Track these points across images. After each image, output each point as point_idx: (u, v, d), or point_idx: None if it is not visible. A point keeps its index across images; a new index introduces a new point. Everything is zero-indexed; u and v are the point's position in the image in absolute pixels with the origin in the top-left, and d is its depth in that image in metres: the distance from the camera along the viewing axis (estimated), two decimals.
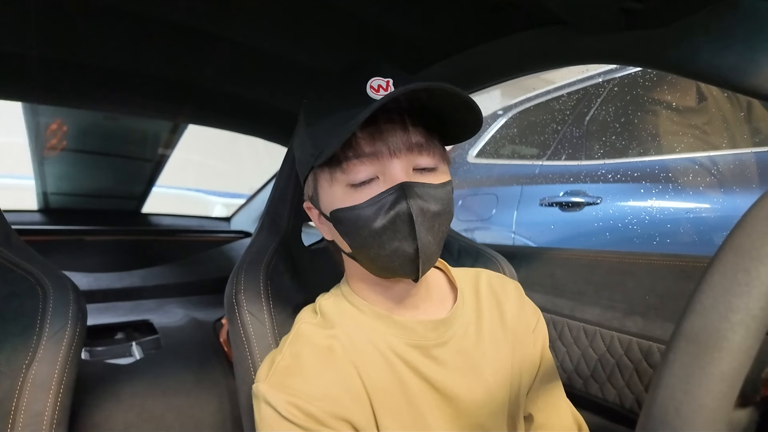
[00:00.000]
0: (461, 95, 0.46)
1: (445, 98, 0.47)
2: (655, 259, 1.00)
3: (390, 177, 0.48)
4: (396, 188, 0.47)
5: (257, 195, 2.35)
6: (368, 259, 0.51)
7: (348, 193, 0.49)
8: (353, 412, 0.49)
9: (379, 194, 0.47)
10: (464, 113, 0.49)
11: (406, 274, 0.50)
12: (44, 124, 1.68)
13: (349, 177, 0.48)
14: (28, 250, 0.79)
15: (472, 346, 0.57)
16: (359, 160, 0.48)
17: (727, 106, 1.38)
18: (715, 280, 0.29)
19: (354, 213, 0.48)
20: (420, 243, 0.47)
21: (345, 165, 0.48)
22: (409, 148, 0.48)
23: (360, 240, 0.49)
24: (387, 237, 0.47)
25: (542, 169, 1.91)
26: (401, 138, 0.48)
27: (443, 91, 0.45)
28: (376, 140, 0.48)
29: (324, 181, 0.51)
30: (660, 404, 0.28)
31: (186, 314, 1.75)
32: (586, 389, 1.06)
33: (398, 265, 0.49)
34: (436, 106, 0.48)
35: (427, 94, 0.46)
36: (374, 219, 0.47)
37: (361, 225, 0.48)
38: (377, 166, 0.48)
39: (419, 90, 0.44)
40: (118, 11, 0.82)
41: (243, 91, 1.25)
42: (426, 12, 0.78)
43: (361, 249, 0.50)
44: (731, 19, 0.52)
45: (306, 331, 0.54)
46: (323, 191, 0.52)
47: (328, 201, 0.51)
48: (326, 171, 0.50)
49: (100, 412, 1.05)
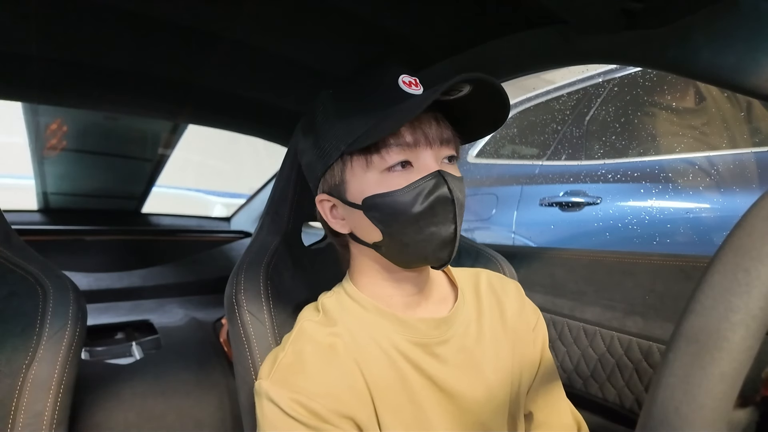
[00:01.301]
0: (500, 90, 0.50)
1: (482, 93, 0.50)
2: (655, 259, 1.00)
3: (425, 165, 0.50)
4: (435, 174, 0.49)
5: (257, 195, 2.35)
6: (400, 245, 0.51)
7: (384, 178, 0.50)
8: (356, 409, 0.49)
9: (419, 180, 0.49)
10: (492, 110, 0.52)
11: (437, 260, 0.52)
12: (44, 123, 1.68)
13: (387, 162, 0.49)
14: (28, 250, 0.79)
15: (473, 344, 0.57)
16: (399, 147, 0.49)
17: (727, 106, 1.38)
18: (715, 279, 0.29)
19: (392, 198, 0.49)
20: (457, 227, 0.50)
21: (384, 151, 0.49)
22: (441, 140, 0.51)
23: (396, 225, 0.50)
24: (425, 222, 0.49)
25: (542, 169, 1.91)
26: (436, 130, 0.51)
27: (487, 85, 0.48)
28: (416, 130, 0.50)
29: (358, 168, 0.51)
30: (660, 404, 0.28)
31: (186, 314, 1.75)
32: (586, 389, 1.06)
33: (431, 250, 0.50)
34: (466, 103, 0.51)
35: (470, 87, 0.49)
36: (413, 204, 0.49)
37: (400, 210, 0.49)
38: (413, 154, 0.50)
39: (469, 81, 0.47)
40: (118, 11, 0.82)
41: (243, 91, 1.25)
42: (426, 12, 0.78)
43: (395, 235, 0.51)
44: (731, 19, 0.52)
45: (308, 328, 0.54)
46: (355, 178, 0.51)
47: (360, 188, 0.51)
48: (361, 158, 0.50)
49: (101, 411, 1.05)
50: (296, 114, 1.26)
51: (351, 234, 0.55)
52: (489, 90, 0.50)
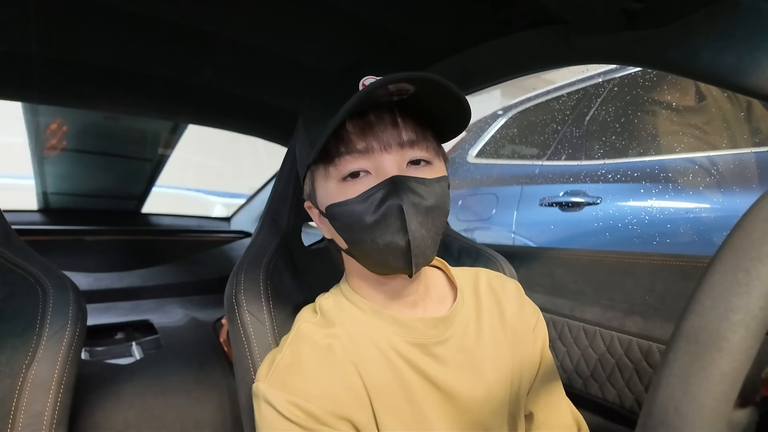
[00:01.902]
0: (447, 86, 0.46)
1: (432, 90, 0.46)
2: (655, 259, 1.00)
3: (382, 172, 0.48)
4: (386, 182, 0.47)
5: (257, 195, 2.35)
6: (362, 254, 0.51)
7: (341, 188, 0.49)
8: (353, 410, 0.49)
9: (370, 189, 0.48)
10: (452, 106, 0.49)
11: (400, 269, 0.50)
12: (44, 123, 1.68)
13: (341, 171, 0.49)
14: (28, 250, 0.79)
15: (472, 344, 0.57)
16: (351, 155, 0.48)
17: (727, 106, 1.38)
18: (715, 279, 0.29)
19: (346, 208, 0.49)
20: (412, 236, 0.47)
21: (337, 160, 0.49)
22: (400, 143, 0.49)
23: (353, 235, 0.50)
24: (379, 231, 0.48)
25: (542, 169, 1.91)
26: (392, 133, 0.48)
27: (430, 82, 0.45)
28: (368, 135, 0.48)
29: (320, 177, 0.52)
30: (660, 404, 0.28)
31: (186, 314, 1.75)
32: (586, 389, 1.06)
33: (392, 259, 0.49)
34: (425, 100, 0.48)
35: (414, 86, 0.46)
36: (366, 213, 0.48)
37: (354, 220, 0.48)
38: (369, 161, 0.48)
39: (401, 81, 0.44)
40: (118, 11, 0.82)
41: (243, 91, 1.25)
42: (426, 12, 0.78)
43: (355, 244, 0.51)
44: (731, 19, 0.52)
45: (306, 330, 0.54)
46: (319, 188, 0.53)
47: (324, 197, 0.52)
48: (321, 167, 0.51)
49: (100, 411, 1.05)
50: (296, 114, 1.27)
51: (331, 240, 0.56)
52: (441, 89, 0.46)
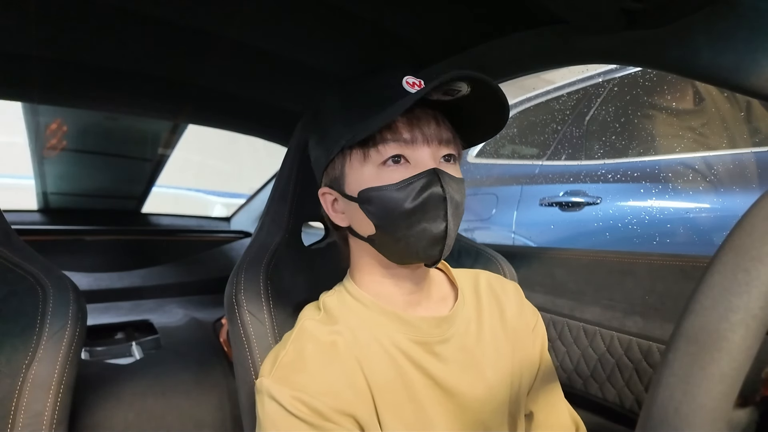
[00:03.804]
0: (498, 92, 0.50)
1: (480, 94, 0.50)
2: (655, 259, 1.00)
3: (421, 162, 0.50)
4: (429, 172, 0.50)
5: (257, 195, 2.35)
6: (392, 240, 0.52)
7: (380, 173, 0.51)
8: (357, 407, 0.49)
9: (412, 176, 0.50)
10: (492, 110, 0.52)
11: (427, 257, 0.52)
12: (44, 123, 1.68)
13: (383, 155, 0.50)
14: (27, 249, 0.79)
15: (473, 343, 0.57)
16: (396, 143, 0.50)
17: (727, 106, 1.38)
18: (714, 279, 0.29)
19: (385, 192, 0.50)
20: (448, 225, 0.50)
21: (381, 146, 0.50)
22: (439, 139, 0.52)
23: (388, 220, 0.50)
24: (416, 218, 0.49)
25: (542, 169, 1.91)
26: (434, 129, 0.51)
27: (486, 85, 0.49)
28: (414, 127, 0.50)
29: (356, 161, 0.52)
30: (660, 404, 0.28)
31: (186, 314, 1.75)
32: (586, 389, 1.06)
33: (422, 247, 0.51)
34: (467, 104, 0.51)
35: (469, 87, 0.49)
36: (405, 200, 0.49)
37: (392, 205, 0.50)
38: (411, 151, 0.51)
39: (466, 79, 0.47)
40: (118, 11, 0.82)
41: (243, 91, 1.25)
42: (426, 12, 0.78)
43: (386, 229, 0.51)
44: (731, 19, 0.52)
45: (309, 327, 0.54)
46: (353, 171, 0.53)
47: (357, 181, 0.52)
48: (359, 151, 0.52)
49: (100, 411, 1.05)
50: (296, 114, 1.26)
51: (349, 227, 0.56)
52: (487, 93, 0.50)
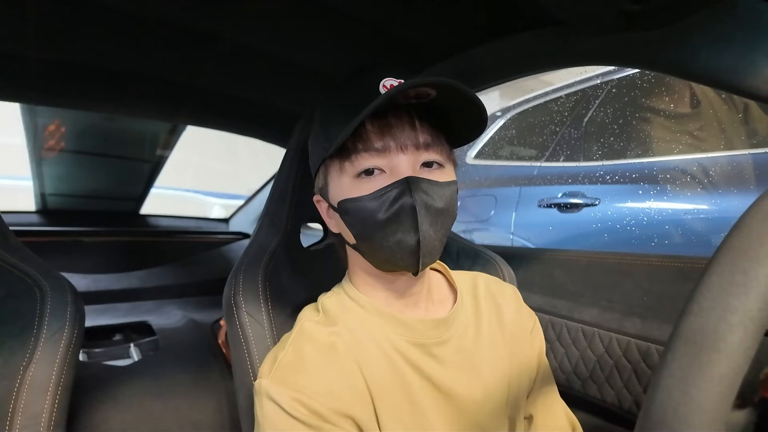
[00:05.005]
0: (467, 93, 0.47)
1: (452, 96, 0.48)
2: (653, 260, 1.00)
3: (396, 171, 0.49)
4: (401, 182, 0.49)
5: (256, 196, 2.35)
6: (371, 249, 0.52)
7: (355, 184, 0.50)
8: (355, 408, 0.49)
9: (385, 187, 0.49)
10: (469, 113, 0.50)
11: (407, 267, 0.51)
12: (42, 124, 1.68)
13: (357, 168, 0.50)
14: (25, 251, 0.79)
15: (471, 345, 0.57)
16: (368, 153, 0.50)
17: (725, 107, 1.38)
18: (713, 281, 0.29)
19: (360, 204, 0.50)
20: (422, 235, 0.48)
21: (354, 156, 0.50)
22: (416, 145, 0.50)
23: (364, 230, 0.51)
24: (390, 229, 0.49)
25: (540, 170, 1.91)
26: (409, 134, 0.50)
27: (451, 88, 0.47)
28: (385, 135, 0.50)
29: (334, 172, 0.53)
30: (658, 405, 0.28)
31: (184, 315, 1.75)
32: (584, 390, 1.06)
33: (400, 257, 0.50)
34: (443, 104, 0.50)
35: (435, 91, 0.47)
36: (378, 210, 0.49)
37: (366, 216, 0.49)
38: (385, 159, 0.50)
39: (426, 85, 0.46)
40: (117, 12, 0.82)
41: (242, 92, 1.25)
42: (425, 13, 0.78)
43: (364, 240, 0.52)
44: (729, 21, 0.53)
45: (308, 328, 0.54)
46: (333, 182, 0.54)
47: (337, 192, 0.53)
48: (336, 162, 0.52)
49: (98, 413, 1.04)
50: (295, 115, 1.26)
51: (339, 234, 0.57)
52: (458, 94, 0.48)
